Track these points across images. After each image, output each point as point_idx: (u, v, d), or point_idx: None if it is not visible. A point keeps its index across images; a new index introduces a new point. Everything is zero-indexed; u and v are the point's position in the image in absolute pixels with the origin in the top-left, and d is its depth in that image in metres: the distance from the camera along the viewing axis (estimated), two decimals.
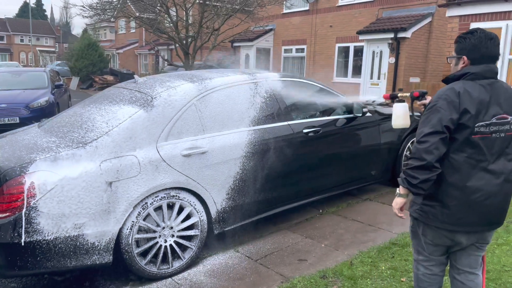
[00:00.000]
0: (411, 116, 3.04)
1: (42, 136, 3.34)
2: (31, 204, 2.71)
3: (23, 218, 2.69)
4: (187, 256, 3.36)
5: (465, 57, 2.07)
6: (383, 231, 3.92)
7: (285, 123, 3.94)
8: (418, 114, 4.55)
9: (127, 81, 4.19)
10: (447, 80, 2.13)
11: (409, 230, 2.35)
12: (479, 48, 2.03)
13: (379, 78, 13.45)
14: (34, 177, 2.75)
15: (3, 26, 65.18)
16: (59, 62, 35.23)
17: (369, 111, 4.63)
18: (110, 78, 24.50)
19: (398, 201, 2.14)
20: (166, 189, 3.20)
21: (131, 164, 3.04)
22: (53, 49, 62.96)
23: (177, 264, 3.31)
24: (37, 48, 59.33)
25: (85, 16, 11.81)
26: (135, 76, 4.04)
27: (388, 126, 4.72)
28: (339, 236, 3.86)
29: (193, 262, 3.40)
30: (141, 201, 3.08)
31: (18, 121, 8.93)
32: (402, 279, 3.00)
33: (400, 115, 2.98)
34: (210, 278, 3.20)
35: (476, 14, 8.48)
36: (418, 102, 2.72)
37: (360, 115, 4.42)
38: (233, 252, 3.63)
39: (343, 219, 4.26)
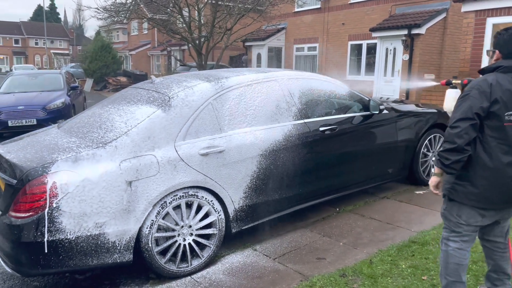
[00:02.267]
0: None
1: (63, 137, 3.38)
2: (54, 203, 2.75)
3: (46, 218, 2.73)
4: (205, 254, 3.37)
5: (498, 51, 2.29)
6: (401, 229, 3.89)
7: (302, 121, 3.93)
8: None
9: (144, 81, 4.23)
10: (482, 72, 2.32)
11: (441, 212, 2.49)
12: (510, 44, 2.24)
13: (392, 75, 13.32)
14: (56, 177, 2.79)
15: (18, 30, 66.35)
16: (73, 64, 35.68)
17: (386, 108, 4.58)
18: (123, 79, 24.76)
19: (433, 180, 2.38)
20: (184, 188, 3.22)
21: (150, 163, 3.07)
22: (67, 52, 63.80)
23: (195, 262, 3.32)
24: (52, 51, 60.15)
25: (99, 18, 11.97)
26: (152, 76, 4.07)
27: (405, 123, 4.69)
28: (357, 234, 3.83)
29: (211, 261, 3.41)
30: (160, 200, 3.11)
31: (35, 122, 9.08)
32: (423, 278, 2.97)
33: (450, 100, 3.29)
34: (228, 276, 3.21)
35: (492, 9, 8.35)
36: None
37: (377, 112, 4.38)
38: (251, 250, 3.63)
39: (360, 217, 4.23)
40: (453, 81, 3.26)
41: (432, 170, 2.40)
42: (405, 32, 12.36)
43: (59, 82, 10.78)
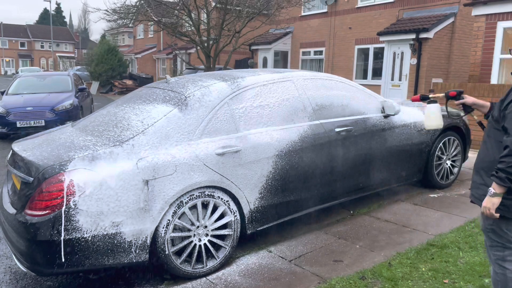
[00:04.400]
0: (444, 116, 2.99)
1: (78, 135, 3.36)
2: (71, 201, 2.71)
3: (63, 216, 2.70)
4: (221, 255, 3.33)
5: None
6: (419, 232, 3.83)
7: (317, 121, 3.89)
8: (457, 112, 4.47)
9: (159, 81, 4.21)
10: None
11: (485, 228, 2.25)
12: None
13: (400, 79, 13.28)
14: (73, 175, 2.76)
15: (24, 33, 66.84)
16: (78, 67, 35.85)
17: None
18: (129, 82, 24.83)
19: (495, 201, 2.05)
20: (200, 187, 3.18)
21: (167, 162, 3.03)
22: (72, 55, 64.18)
23: (211, 263, 3.28)
24: (57, 54, 60.53)
25: (109, 20, 12.01)
26: (167, 76, 4.05)
27: (420, 125, 4.64)
28: (373, 237, 3.78)
29: (226, 262, 3.36)
30: (177, 199, 3.07)
31: (43, 123, 9.09)
32: (444, 281, 2.91)
33: (433, 117, 2.91)
34: (244, 278, 3.16)
35: (503, 13, 8.30)
36: (456, 102, 2.66)
37: (393, 114, 4.33)
38: (266, 252, 3.58)
39: (375, 220, 4.18)
40: (431, 95, 2.88)
41: (491, 190, 2.13)
42: (413, 36, 12.33)
43: (67, 84, 10.81)
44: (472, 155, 6.71)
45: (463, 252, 3.32)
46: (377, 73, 14.45)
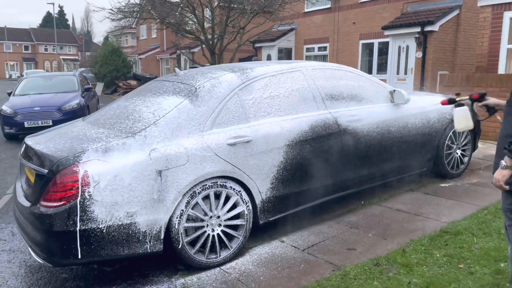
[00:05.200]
0: (472, 118, 3.06)
1: (90, 128, 3.38)
2: (86, 192, 2.73)
3: (78, 207, 2.71)
4: (234, 245, 3.33)
5: None
6: (431, 220, 3.82)
7: (327, 111, 3.89)
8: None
9: (168, 74, 4.22)
10: None
11: (504, 207, 2.25)
12: None
13: (405, 73, 13.23)
14: (87, 166, 2.77)
15: (27, 36, 67.20)
16: (83, 69, 36.01)
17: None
18: (133, 82, 24.88)
19: (505, 173, 2.10)
20: (213, 178, 3.19)
21: (179, 153, 3.04)
22: (76, 57, 64.43)
23: (224, 253, 3.29)
24: (61, 57, 60.80)
25: (113, 20, 12.05)
26: (176, 69, 4.06)
27: (429, 115, 4.63)
28: (385, 226, 3.77)
29: (239, 252, 3.37)
30: (190, 189, 3.08)
31: (51, 123, 9.13)
32: (460, 266, 2.90)
33: (462, 119, 3.01)
34: (258, 267, 3.17)
35: (509, 3, 8.24)
36: (479, 104, 2.75)
37: (403, 103, 4.32)
38: (278, 242, 3.59)
39: (387, 209, 4.17)
40: (457, 99, 3.01)
41: (502, 163, 2.17)
42: (418, 29, 12.27)
43: (73, 84, 10.87)
44: (482, 145, 6.69)
45: (477, 238, 3.31)
46: (382, 67, 14.41)
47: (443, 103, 3.19)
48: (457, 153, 5.01)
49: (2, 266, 3.44)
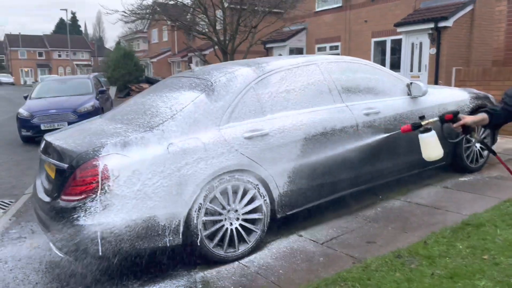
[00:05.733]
0: (443, 142, 2.59)
1: (108, 124, 3.40)
2: (106, 186, 2.74)
3: (99, 200, 2.73)
4: (252, 239, 3.32)
5: None
6: (451, 213, 3.75)
7: (343, 104, 3.86)
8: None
9: (183, 71, 4.23)
10: None
11: None
12: None
13: (419, 70, 13.08)
14: (107, 160, 2.79)
15: (41, 43, 68.34)
16: (96, 73, 36.44)
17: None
18: (146, 86, 25.07)
19: None
20: (230, 171, 3.18)
21: (196, 146, 3.05)
22: (89, 63, 65.30)
23: (242, 247, 3.27)
24: (74, 62, 61.67)
25: (126, 22, 12.19)
26: (191, 65, 4.08)
27: (447, 108, 4.55)
28: (405, 219, 3.72)
29: (257, 246, 3.35)
30: (208, 183, 3.08)
31: (66, 126, 9.26)
32: (484, 257, 2.84)
33: (431, 146, 2.53)
34: (277, 260, 3.15)
35: None
36: (454, 125, 2.38)
37: (420, 95, 4.26)
38: (296, 236, 3.56)
39: (405, 203, 4.11)
40: (423, 123, 2.49)
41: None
42: (432, 25, 12.13)
43: (88, 86, 11.00)
44: (500, 139, 6.56)
45: (501, 229, 3.24)
46: (395, 65, 14.26)
47: (404, 130, 2.66)
48: (476, 147, 4.92)
49: (23, 262, 3.48)
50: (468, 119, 2.34)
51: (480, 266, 2.72)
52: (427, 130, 2.51)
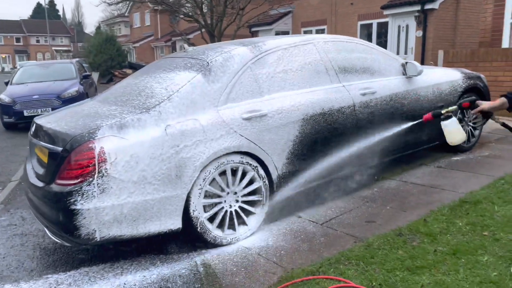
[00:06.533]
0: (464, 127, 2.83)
1: (101, 106, 3.29)
2: (102, 169, 2.66)
3: (96, 184, 2.65)
4: (251, 221, 3.29)
5: None
6: (448, 191, 3.78)
7: (340, 84, 3.82)
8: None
9: (176, 52, 4.12)
10: None
11: None
12: None
13: (406, 53, 13.13)
14: (103, 142, 2.70)
15: (19, 28, 66.30)
16: (77, 59, 35.62)
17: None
18: (129, 71, 24.57)
19: None
20: (229, 153, 3.12)
21: (195, 128, 2.97)
22: (68, 48, 63.72)
23: (242, 229, 3.24)
24: (53, 48, 60.10)
25: (110, 4, 11.83)
26: (185, 45, 3.97)
27: (441, 88, 4.57)
28: (402, 198, 3.74)
29: (258, 228, 3.33)
30: (207, 165, 3.01)
31: (50, 111, 9.01)
32: (484, 233, 2.87)
33: (454, 132, 2.77)
34: (278, 242, 3.13)
35: None
36: (472, 112, 2.56)
37: (416, 74, 4.25)
38: (295, 218, 3.55)
39: (401, 183, 4.14)
40: (443, 111, 2.74)
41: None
42: (418, 8, 12.15)
43: (71, 71, 10.72)
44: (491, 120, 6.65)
45: (498, 206, 3.28)
46: (382, 47, 14.26)
47: (426, 119, 2.88)
48: (468, 126, 4.96)
49: (16, 249, 3.39)
50: (485, 105, 2.47)
51: (481, 242, 2.75)
52: (448, 117, 2.72)
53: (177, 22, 14.92)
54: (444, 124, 2.75)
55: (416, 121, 4.35)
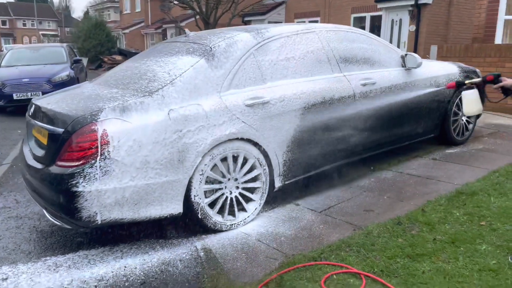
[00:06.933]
0: (482, 100, 3.02)
1: (102, 89, 3.24)
2: (105, 152, 2.63)
3: (98, 166, 2.62)
4: (251, 208, 3.30)
5: None
6: (444, 183, 3.84)
7: (341, 74, 3.83)
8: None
9: (177, 36, 4.08)
10: None
11: None
12: None
13: (398, 47, 13.19)
14: (106, 124, 2.66)
15: (5, 11, 64.72)
16: (65, 44, 34.98)
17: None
18: (119, 57, 24.27)
19: None
20: (231, 139, 3.11)
21: (197, 113, 2.95)
22: (56, 33, 62.48)
23: (242, 216, 3.25)
24: (40, 32, 58.88)
25: None
26: (186, 30, 3.92)
27: (438, 81, 4.61)
28: (399, 189, 3.78)
29: (257, 215, 3.34)
30: (209, 151, 3.00)
31: (40, 95, 8.85)
32: (481, 223, 2.93)
33: (472, 102, 2.97)
34: (277, 228, 3.15)
35: None
36: (494, 86, 2.67)
37: (415, 66, 4.28)
38: (294, 206, 3.57)
39: (398, 174, 4.18)
40: (467, 81, 2.97)
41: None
42: (412, 2, 12.20)
43: (62, 55, 10.52)
44: (484, 115, 6.73)
45: (494, 198, 3.35)
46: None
47: (449, 87, 3.17)
48: (462, 120, 5.03)
49: (12, 232, 3.34)
50: (508, 81, 2.58)
51: (479, 232, 2.81)
52: (470, 88, 2.92)
53: (169, 9, 14.70)
54: (465, 93, 2.94)
55: (413, 113, 4.41)
